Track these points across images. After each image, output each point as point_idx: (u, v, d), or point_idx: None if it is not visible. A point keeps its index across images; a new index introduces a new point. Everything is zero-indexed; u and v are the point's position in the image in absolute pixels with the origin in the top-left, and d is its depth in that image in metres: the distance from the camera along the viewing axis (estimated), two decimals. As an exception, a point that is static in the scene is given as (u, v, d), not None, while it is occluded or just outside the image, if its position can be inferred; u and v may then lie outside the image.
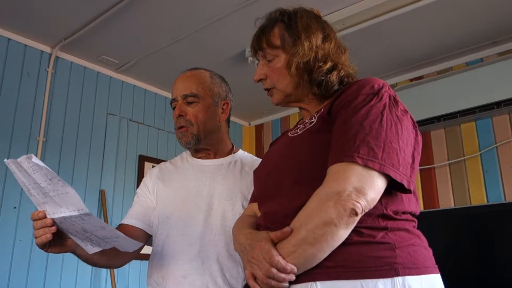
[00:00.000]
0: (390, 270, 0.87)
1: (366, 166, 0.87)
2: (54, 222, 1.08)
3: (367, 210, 0.87)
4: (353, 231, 0.89)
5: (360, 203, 0.85)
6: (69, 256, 2.54)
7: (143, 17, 2.47)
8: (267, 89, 1.15)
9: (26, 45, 2.67)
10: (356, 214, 0.86)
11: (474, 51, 2.82)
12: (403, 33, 2.63)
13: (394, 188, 0.92)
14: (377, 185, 0.88)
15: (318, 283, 0.89)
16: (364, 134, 0.90)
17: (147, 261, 1.46)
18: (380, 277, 0.86)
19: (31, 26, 2.56)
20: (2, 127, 2.49)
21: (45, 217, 1.08)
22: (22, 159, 0.98)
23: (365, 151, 0.88)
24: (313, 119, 1.07)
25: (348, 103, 0.97)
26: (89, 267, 2.64)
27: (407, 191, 0.92)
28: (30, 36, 2.66)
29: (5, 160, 1.02)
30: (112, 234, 1.08)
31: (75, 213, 1.01)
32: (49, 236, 1.08)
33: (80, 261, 2.69)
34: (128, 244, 1.13)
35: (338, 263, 0.88)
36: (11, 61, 2.59)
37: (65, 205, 1.02)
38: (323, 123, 1.02)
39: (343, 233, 0.87)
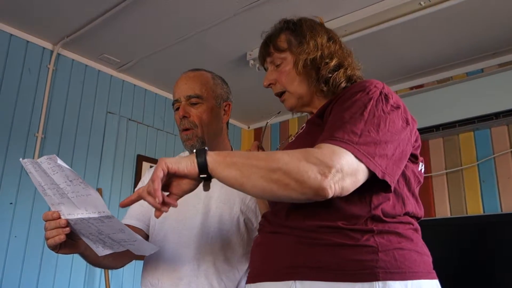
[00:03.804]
0: (370, 275, 0.85)
1: (339, 147, 0.86)
2: (68, 223, 1.06)
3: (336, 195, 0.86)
4: (337, 232, 0.89)
5: (336, 188, 0.84)
6: (64, 254, 2.54)
7: (146, 17, 2.48)
8: (279, 95, 1.16)
9: (28, 41, 2.67)
10: (325, 197, 0.84)
11: (474, 61, 2.83)
12: (404, 42, 2.64)
13: (378, 186, 0.90)
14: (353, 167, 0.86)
15: (297, 282, 0.89)
16: (343, 123, 0.90)
17: (142, 261, 1.46)
18: (358, 281, 0.85)
19: (34, 23, 2.56)
20: (1, 123, 2.48)
21: (59, 217, 1.05)
22: (42, 160, 0.95)
23: (340, 134, 0.88)
24: (304, 125, 1.10)
25: (339, 102, 0.99)
26: (83, 265, 2.64)
27: (389, 189, 0.90)
28: (32, 33, 2.66)
29: (21, 159, 1.01)
30: (130, 237, 1.05)
31: (95, 215, 0.98)
32: (62, 237, 1.06)
33: (74, 259, 2.69)
34: (145, 248, 1.11)
35: (319, 264, 0.88)
36: (13, 56, 2.59)
37: (84, 206, 0.99)
38: (312, 126, 1.04)
39: (295, 198, 0.86)
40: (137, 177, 3.03)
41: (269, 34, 1.17)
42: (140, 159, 3.11)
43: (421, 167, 1.05)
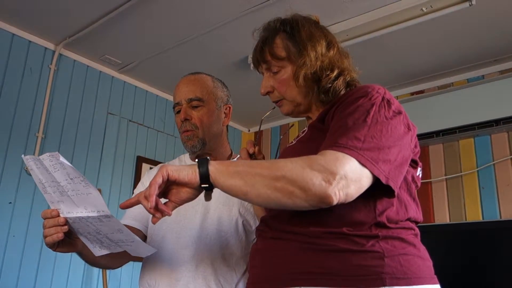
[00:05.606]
0: (377, 280, 0.84)
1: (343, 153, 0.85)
2: (66, 222, 1.05)
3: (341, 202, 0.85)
4: (342, 238, 0.89)
5: (340, 195, 0.84)
6: (62, 254, 2.54)
7: (148, 19, 2.48)
8: (276, 101, 1.13)
9: (30, 41, 2.68)
10: (330, 204, 0.84)
11: (475, 68, 2.83)
12: (405, 47, 2.64)
13: (381, 191, 0.90)
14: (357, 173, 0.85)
15: None
16: (346, 129, 0.90)
17: (139, 262, 1.45)
18: (365, 286, 0.84)
19: (36, 23, 2.57)
20: (2, 122, 2.48)
21: (58, 215, 1.05)
22: (44, 157, 0.96)
23: (344, 141, 0.87)
24: (305, 129, 1.08)
25: (341, 107, 0.97)
26: (82, 265, 2.63)
27: (392, 195, 0.89)
28: (34, 33, 2.67)
29: (23, 156, 1.01)
30: (128, 238, 1.05)
31: (94, 214, 0.98)
32: (60, 236, 1.06)
33: (72, 259, 2.68)
34: (142, 250, 1.10)
35: (324, 270, 0.87)
36: (15, 56, 2.59)
37: (83, 205, 0.99)
38: (314, 131, 1.03)
39: (300, 206, 0.85)
40: (137, 178, 3.03)
41: (264, 37, 1.12)
42: (140, 160, 3.11)
43: (419, 172, 1.05)
